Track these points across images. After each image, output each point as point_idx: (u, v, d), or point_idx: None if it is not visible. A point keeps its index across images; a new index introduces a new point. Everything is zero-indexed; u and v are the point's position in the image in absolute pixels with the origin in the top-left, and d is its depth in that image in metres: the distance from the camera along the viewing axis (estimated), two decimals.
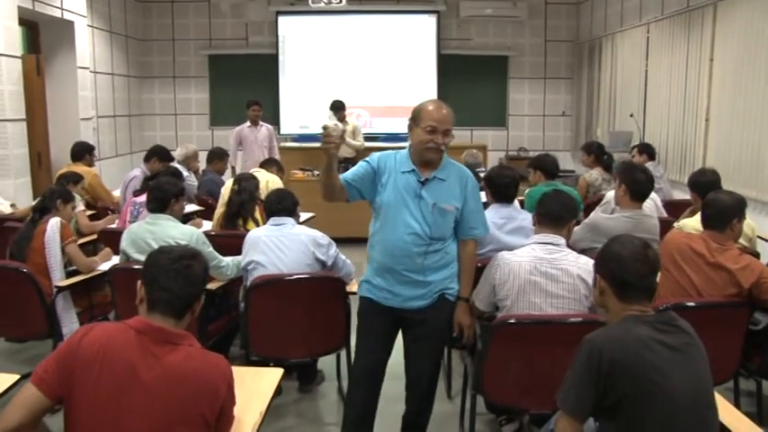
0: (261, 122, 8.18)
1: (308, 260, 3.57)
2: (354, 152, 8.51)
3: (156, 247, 2.20)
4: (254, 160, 7.66)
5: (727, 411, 2.16)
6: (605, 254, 2.14)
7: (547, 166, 5.03)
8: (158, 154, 5.95)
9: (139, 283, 1.97)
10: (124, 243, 3.74)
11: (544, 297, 2.88)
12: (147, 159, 5.97)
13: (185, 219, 4.89)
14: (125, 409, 1.79)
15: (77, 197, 5.00)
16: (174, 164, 5.93)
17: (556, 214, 3.03)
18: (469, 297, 3.07)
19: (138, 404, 1.79)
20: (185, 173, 5.85)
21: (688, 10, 7.00)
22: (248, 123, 8.13)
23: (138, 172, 5.83)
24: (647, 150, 6.51)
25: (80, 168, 5.72)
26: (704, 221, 3.30)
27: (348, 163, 8.33)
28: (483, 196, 4.42)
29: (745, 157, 5.94)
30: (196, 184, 6.25)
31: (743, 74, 5.96)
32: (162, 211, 3.77)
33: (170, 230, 3.67)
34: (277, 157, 7.58)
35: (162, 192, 3.80)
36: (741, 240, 3.68)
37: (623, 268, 2.06)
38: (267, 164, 5.85)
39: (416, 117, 2.86)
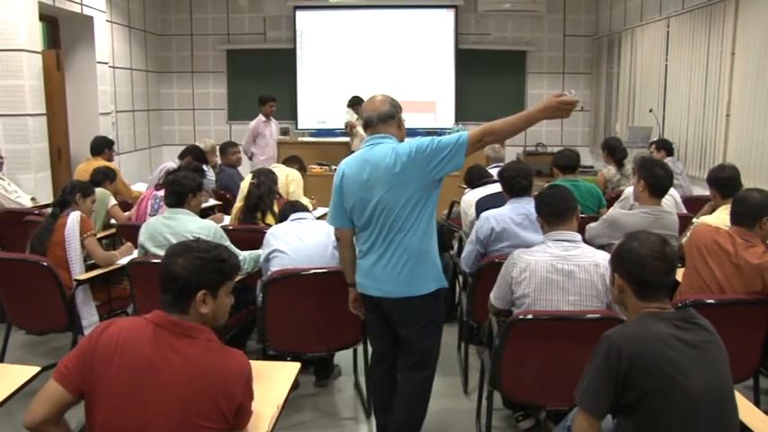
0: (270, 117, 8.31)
1: (329, 246, 3.59)
2: None
3: (173, 241, 2.22)
4: (269, 155, 7.70)
5: (746, 410, 2.13)
6: (622, 252, 2.11)
7: (559, 161, 4.97)
8: (194, 153, 5.99)
9: None
10: (142, 237, 3.77)
11: (561, 294, 2.86)
12: (181, 157, 6.01)
13: (205, 213, 4.92)
14: (144, 402, 1.81)
15: (108, 192, 5.03)
16: None
17: (562, 208, 3.01)
18: None
19: (157, 397, 1.81)
20: (204, 167, 5.87)
21: (709, 4, 6.91)
22: (263, 118, 8.14)
23: (173, 164, 5.87)
24: (665, 146, 6.44)
25: (99, 163, 5.76)
26: (733, 217, 3.26)
27: None
28: (496, 187, 4.43)
29: (767, 152, 5.87)
30: (214, 178, 6.28)
31: (765, 68, 5.87)
32: (179, 206, 3.80)
33: (187, 225, 3.69)
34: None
35: (179, 186, 3.82)
36: None
37: (642, 267, 2.03)
38: (290, 161, 5.83)
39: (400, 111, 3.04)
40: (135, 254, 4.14)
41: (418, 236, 2.86)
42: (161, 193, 4.79)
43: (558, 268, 2.88)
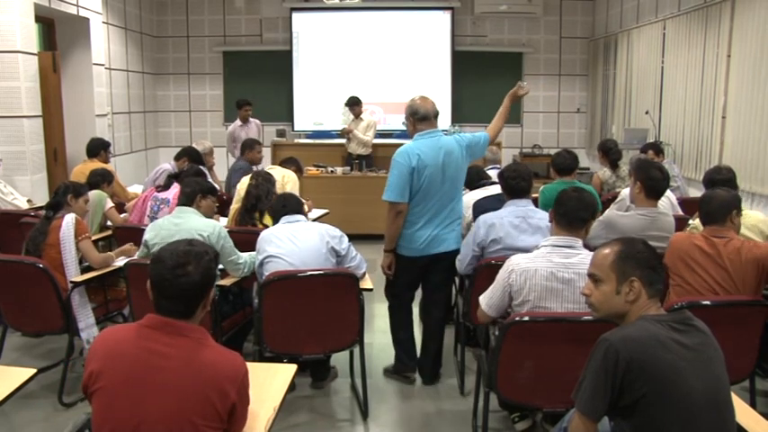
0: (250, 119, 8.45)
1: (322, 249, 3.59)
2: (368, 149, 8.51)
3: (178, 238, 2.22)
4: None
5: (743, 412, 2.13)
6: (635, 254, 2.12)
7: (556, 162, 4.97)
8: (190, 155, 6.00)
9: (149, 283, 1.97)
10: (148, 235, 3.75)
11: (559, 302, 2.85)
12: (177, 158, 6.01)
13: None
14: (140, 400, 1.82)
15: (105, 195, 5.02)
16: None
17: (574, 216, 2.95)
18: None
19: (153, 395, 1.82)
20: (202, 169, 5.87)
21: (705, 6, 6.94)
22: (239, 123, 8.39)
23: (168, 166, 5.88)
24: (657, 149, 6.37)
25: (95, 165, 5.75)
26: (704, 217, 3.31)
27: (362, 159, 8.34)
28: (494, 189, 4.46)
29: (763, 154, 5.88)
30: (211, 180, 6.27)
31: (761, 70, 5.90)
32: (189, 205, 3.83)
33: (194, 222, 3.72)
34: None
35: (190, 186, 3.89)
36: (756, 237, 3.65)
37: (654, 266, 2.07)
38: (287, 162, 5.82)
39: None
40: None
41: (461, 201, 4.07)
42: (161, 194, 4.80)
43: (559, 277, 2.85)
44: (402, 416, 3.75)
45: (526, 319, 2.78)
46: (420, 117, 3.90)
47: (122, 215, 5.30)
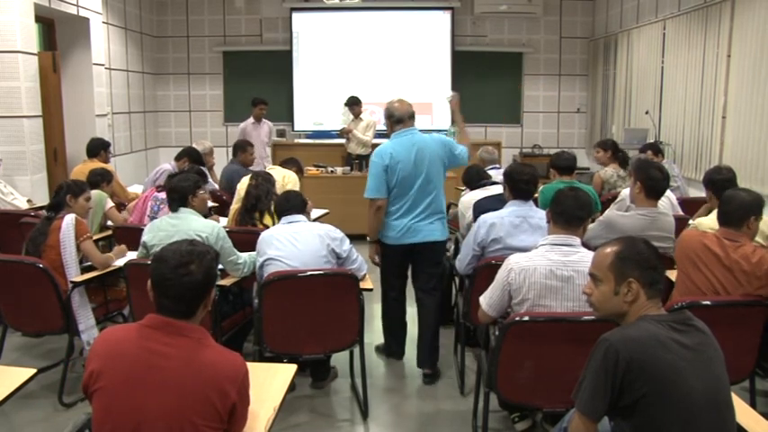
0: (263, 119, 8.39)
1: (322, 251, 3.59)
2: (368, 149, 8.51)
3: (177, 239, 2.22)
4: (258, 155, 7.74)
5: (743, 412, 2.13)
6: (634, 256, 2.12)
7: (558, 162, 4.97)
8: (190, 155, 5.99)
9: (149, 283, 1.98)
10: (147, 236, 3.75)
11: (560, 300, 2.85)
12: (178, 158, 6.00)
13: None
14: (140, 400, 1.82)
15: (105, 194, 5.01)
16: None
17: (570, 214, 2.96)
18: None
19: (153, 395, 1.82)
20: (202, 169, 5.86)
21: (705, 6, 6.94)
22: (252, 120, 8.30)
23: (168, 166, 5.87)
24: (656, 149, 6.35)
25: (95, 165, 5.75)
26: (720, 218, 3.25)
27: (361, 159, 8.34)
28: (495, 189, 4.47)
29: (763, 154, 5.88)
30: (211, 180, 6.27)
31: (761, 70, 5.89)
32: (183, 207, 3.81)
33: (192, 223, 3.70)
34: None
35: (177, 192, 3.83)
36: (759, 239, 3.64)
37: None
38: (288, 163, 5.81)
39: None
40: (129, 255, 4.14)
41: (441, 198, 4.19)
42: (162, 195, 4.79)
43: (558, 274, 2.85)
44: (402, 416, 3.76)
45: (526, 318, 2.78)
46: (396, 120, 4.19)
47: (122, 214, 5.30)
